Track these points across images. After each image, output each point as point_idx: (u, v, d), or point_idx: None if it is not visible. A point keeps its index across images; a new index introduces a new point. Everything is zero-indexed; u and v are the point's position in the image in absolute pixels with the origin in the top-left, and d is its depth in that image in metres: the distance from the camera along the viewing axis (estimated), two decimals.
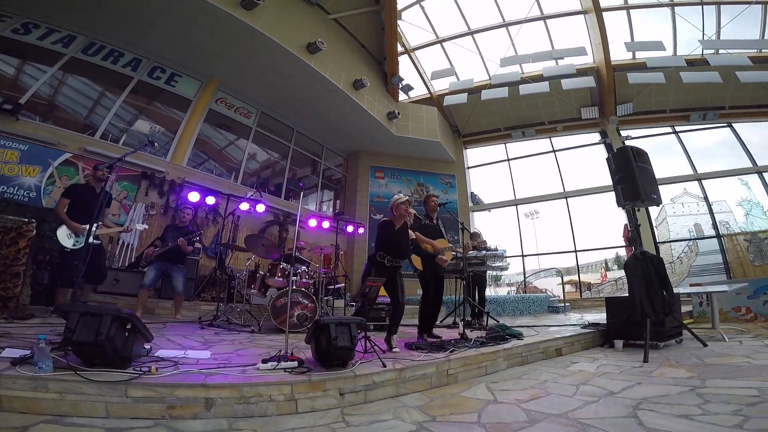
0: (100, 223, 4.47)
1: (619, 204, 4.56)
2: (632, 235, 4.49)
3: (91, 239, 4.07)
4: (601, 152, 12.74)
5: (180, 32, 7.93)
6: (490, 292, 8.35)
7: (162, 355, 2.79)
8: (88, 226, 4.13)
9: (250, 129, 10.24)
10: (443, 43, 12.26)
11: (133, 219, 7.02)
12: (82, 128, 7.66)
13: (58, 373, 2.08)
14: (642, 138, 12.35)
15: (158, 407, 2.09)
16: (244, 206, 6.46)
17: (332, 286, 6.39)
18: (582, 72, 11.68)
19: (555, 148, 13.28)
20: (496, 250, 5.33)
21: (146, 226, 5.41)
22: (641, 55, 11.26)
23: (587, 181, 12.91)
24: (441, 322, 5.49)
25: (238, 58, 8.67)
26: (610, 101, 11.96)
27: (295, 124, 11.29)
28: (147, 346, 2.76)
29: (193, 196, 6.44)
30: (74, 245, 4.22)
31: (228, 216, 5.16)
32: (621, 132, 12.40)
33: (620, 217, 11.57)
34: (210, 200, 7.02)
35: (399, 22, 11.09)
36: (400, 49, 11.64)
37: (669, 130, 12.26)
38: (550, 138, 13.36)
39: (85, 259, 3.08)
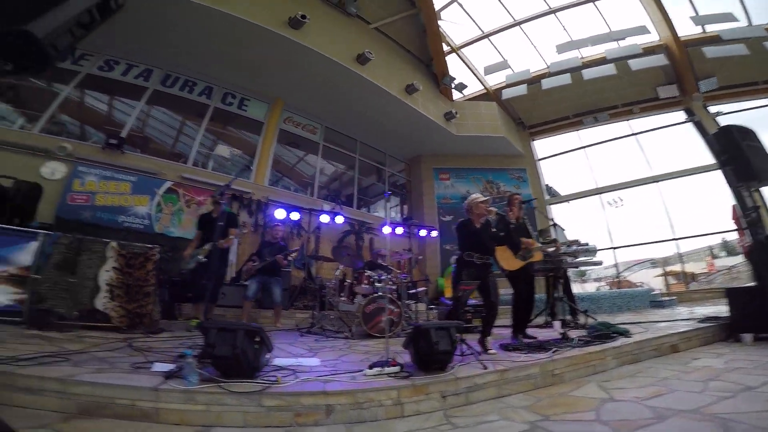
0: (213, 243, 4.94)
1: (731, 185, 4.11)
2: (752, 218, 4.00)
3: (200, 257, 4.67)
4: (691, 131, 11.52)
5: (240, 57, 8.50)
6: (575, 289, 7.86)
7: (279, 364, 2.96)
8: (194, 250, 4.86)
9: (318, 144, 10.73)
10: (490, 38, 11.93)
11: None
12: (169, 156, 8.50)
13: (204, 385, 2.24)
14: (735, 113, 10.99)
15: (287, 415, 2.20)
16: (324, 219, 6.80)
17: (413, 291, 6.46)
18: (649, 51, 10.78)
19: (635, 131, 12.26)
20: (587, 245, 5.03)
21: (246, 231, 5.78)
22: (711, 29, 10.18)
23: (679, 162, 11.70)
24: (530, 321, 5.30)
25: (296, 77, 9.11)
26: (689, 78, 10.88)
27: (357, 135, 11.60)
28: (267, 356, 2.98)
29: (280, 213, 6.91)
30: (188, 265, 4.79)
31: (314, 230, 5.49)
32: (709, 108, 11.15)
33: (723, 199, 10.30)
34: (294, 216, 7.46)
35: (439, 22, 11.00)
36: (446, 48, 11.53)
37: (766, 102, 10.72)
38: (627, 121, 12.38)
39: (210, 278, 3.49)
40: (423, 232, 9.21)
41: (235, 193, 8.23)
